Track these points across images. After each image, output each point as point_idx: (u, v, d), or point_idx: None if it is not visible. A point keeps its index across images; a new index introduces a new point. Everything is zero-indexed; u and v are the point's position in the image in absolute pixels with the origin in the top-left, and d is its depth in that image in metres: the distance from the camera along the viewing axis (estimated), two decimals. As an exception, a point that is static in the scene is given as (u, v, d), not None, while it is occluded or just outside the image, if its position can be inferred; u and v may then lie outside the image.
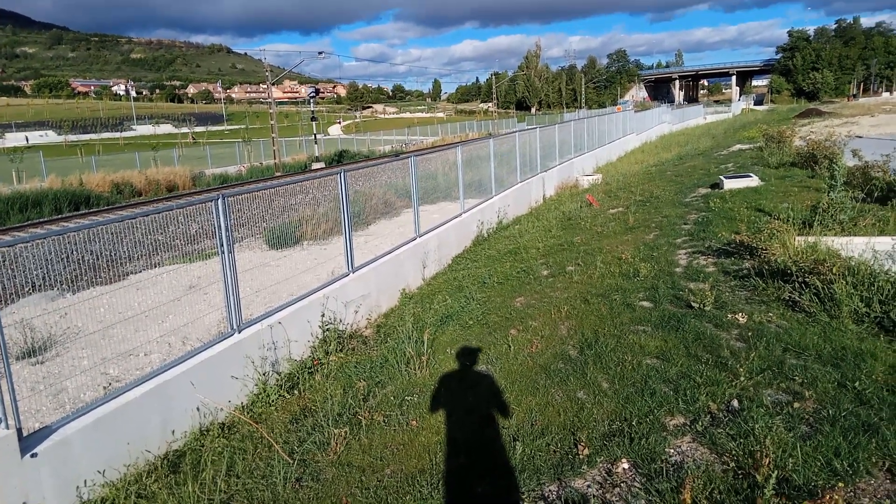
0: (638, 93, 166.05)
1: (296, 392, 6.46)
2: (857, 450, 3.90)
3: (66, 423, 4.77)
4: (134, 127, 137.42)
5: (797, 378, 5.03)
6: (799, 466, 3.79)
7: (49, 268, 5.22)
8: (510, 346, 6.75)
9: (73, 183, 27.34)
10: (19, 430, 4.39)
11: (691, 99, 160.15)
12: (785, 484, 3.64)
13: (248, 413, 6.03)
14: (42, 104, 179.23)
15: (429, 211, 11.78)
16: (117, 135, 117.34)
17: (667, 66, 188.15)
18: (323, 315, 7.47)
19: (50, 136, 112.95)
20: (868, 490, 3.58)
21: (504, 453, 4.62)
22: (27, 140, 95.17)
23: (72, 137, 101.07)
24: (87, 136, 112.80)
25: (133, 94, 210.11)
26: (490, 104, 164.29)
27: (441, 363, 6.69)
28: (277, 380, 6.58)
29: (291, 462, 4.95)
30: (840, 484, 3.51)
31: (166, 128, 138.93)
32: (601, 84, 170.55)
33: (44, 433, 4.62)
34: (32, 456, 4.40)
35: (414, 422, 5.42)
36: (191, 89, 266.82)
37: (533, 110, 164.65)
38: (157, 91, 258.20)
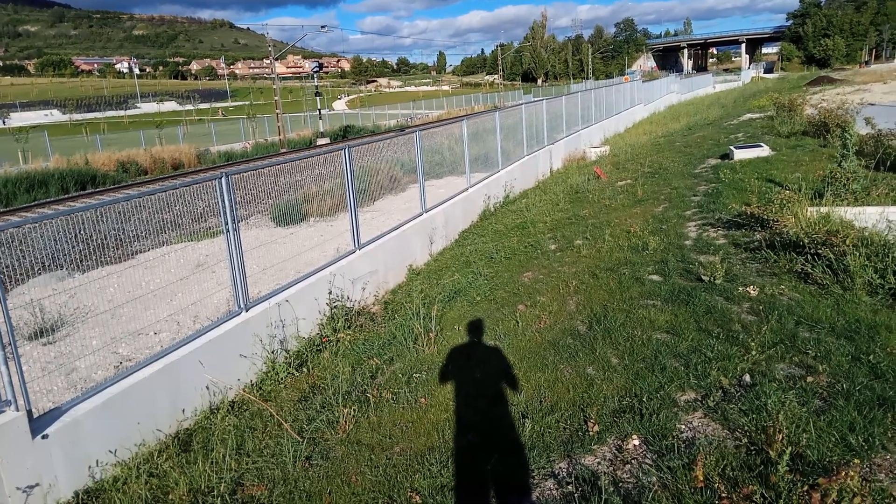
0: (646, 62, 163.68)
1: (304, 370, 6.47)
2: (872, 424, 3.85)
3: (77, 404, 4.77)
4: (138, 105, 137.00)
5: (810, 351, 4.97)
6: (813, 442, 3.75)
7: (57, 248, 5.19)
8: (518, 322, 6.71)
9: (79, 162, 27.32)
10: (30, 412, 4.39)
11: (700, 68, 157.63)
12: (799, 460, 3.60)
13: (257, 391, 6.04)
14: (46, 83, 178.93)
15: (435, 186, 11.68)
16: (122, 113, 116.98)
17: (675, 35, 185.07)
18: (330, 292, 7.45)
19: (55, 116, 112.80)
20: (884, 465, 3.53)
21: (513, 430, 4.61)
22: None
23: (76, 116, 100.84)
24: (92, 114, 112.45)
25: (136, 71, 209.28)
26: (496, 76, 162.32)
27: (449, 340, 6.67)
28: (286, 358, 6.58)
29: (301, 440, 4.96)
30: (855, 460, 3.47)
31: (170, 105, 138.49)
32: (608, 54, 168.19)
33: (54, 414, 4.63)
34: (43, 437, 4.41)
35: (423, 399, 5.41)
36: (194, 66, 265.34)
37: (539, 82, 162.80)
38: (161, 68, 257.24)
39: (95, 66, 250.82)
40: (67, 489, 4.53)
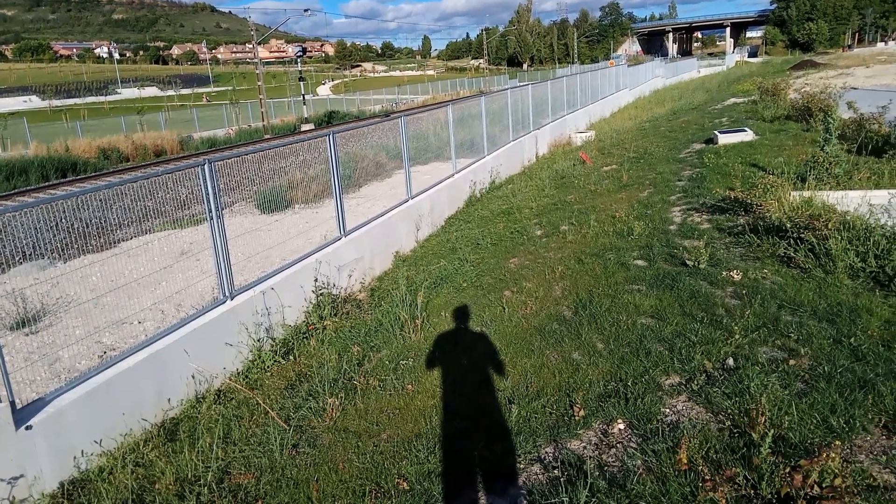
0: (631, 47, 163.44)
1: (291, 357, 6.45)
2: (853, 406, 3.91)
3: (61, 395, 4.73)
4: (119, 90, 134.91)
5: (792, 335, 5.03)
6: (795, 424, 3.80)
7: (39, 237, 5.12)
8: (504, 308, 6.73)
9: (59, 149, 26.89)
10: (13, 403, 4.35)
11: (685, 52, 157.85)
12: (781, 442, 3.65)
13: (243, 380, 6.02)
14: (24, 68, 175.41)
15: (421, 172, 11.63)
16: (102, 99, 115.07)
17: (660, 19, 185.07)
18: (316, 280, 7.42)
19: (34, 102, 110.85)
20: (864, 447, 3.59)
21: (500, 416, 4.63)
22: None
23: (56, 102, 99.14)
24: (72, 100, 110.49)
25: (116, 56, 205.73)
26: (481, 61, 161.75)
27: (435, 326, 6.68)
28: (272, 346, 6.55)
29: (288, 428, 4.95)
30: (836, 441, 3.52)
31: (152, 90, 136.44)
32: (594, 38, 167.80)
33: (38, 405, 4.59)
34: (27, 428, 4.37)
35: (410, 386, 5.42)
36: (175, 50, 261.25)
37: (525, 66, 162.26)
38: (141, 52, 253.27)
39: (74, 51, 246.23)
40: (53, 480, 4.50)
